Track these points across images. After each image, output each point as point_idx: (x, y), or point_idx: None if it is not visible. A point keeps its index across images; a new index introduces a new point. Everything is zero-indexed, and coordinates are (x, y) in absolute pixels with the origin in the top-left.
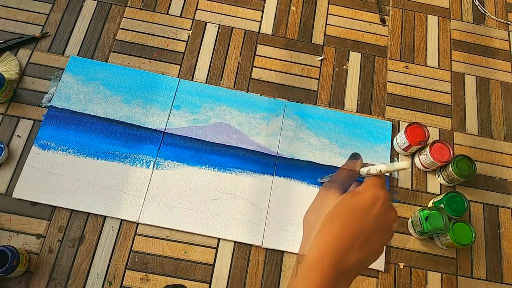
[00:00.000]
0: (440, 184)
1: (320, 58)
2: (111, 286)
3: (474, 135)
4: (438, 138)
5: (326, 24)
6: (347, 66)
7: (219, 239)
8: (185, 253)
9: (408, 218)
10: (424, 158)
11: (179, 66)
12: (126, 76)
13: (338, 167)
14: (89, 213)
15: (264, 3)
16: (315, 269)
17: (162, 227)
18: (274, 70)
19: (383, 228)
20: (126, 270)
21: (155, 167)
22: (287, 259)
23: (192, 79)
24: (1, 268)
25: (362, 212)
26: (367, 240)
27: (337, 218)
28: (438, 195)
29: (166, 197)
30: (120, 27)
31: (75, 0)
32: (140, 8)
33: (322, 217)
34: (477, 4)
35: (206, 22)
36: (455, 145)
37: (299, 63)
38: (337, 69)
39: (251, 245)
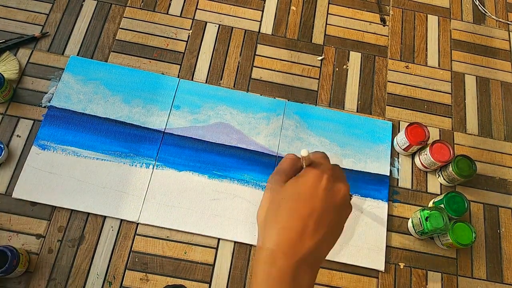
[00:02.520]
0: (440, 184)
1: (320, 58)
2: (111, 286)
3: (474, 135)
4: (438, 138)
5: (326, 24)
6: (347, 66)
7: (219, 239)
8: (185, 253)
9: (408, 218)
10: (425, 158)
11: (179, 66)
12: (126, 76)
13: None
14: (89, 213)
15: (264, 3)
16: (270, 263)
17: (162, 227)
18: (274, 70)
19: (335, 204)
20: (126, 270)
21: (155, 167)
22: None
23: (192, 79)
24: (1, 268)
25: (307, 193)
26: (320, 220)
27: (283, 206)
28: (439, 195)
29: (166, 197)
30: (120, 27)
31: (75, 0)
32: (140, 8)
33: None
34: (477, 4)
35: (206, 22)
36: (455, 145)
37: (299, 63)
38: (337, 69)
39: (251, 245)
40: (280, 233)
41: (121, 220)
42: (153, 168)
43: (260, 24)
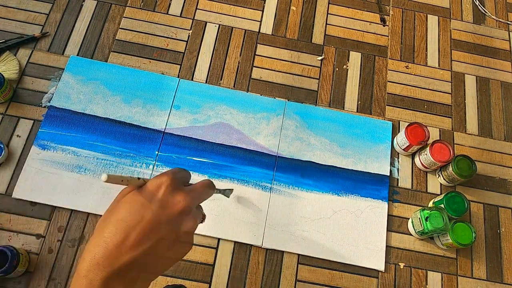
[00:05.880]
0: (440, 184)
1: (320, 58)
2: None
3: (474, 135)
4: (438, 138)
5: (326, 24)
6: (347, 66)
7: (219, 239)
8: None
9: (408, 218)
10: (425, 158)
11: (179, 66)
12: (126, 76)
13: (339, 167)
14: (89, 213)
15: (264, 3)
16: (82, 275)
17: None
18: (274, 70)
19: (170, 217)
20: None
21: (155, 167)
22: (287, 259)
23: (192, 79)
24: (1, 268)
25: (138, 204)
26: (146, 232)
27: (113, 216)
28: (438, 195)
29: None
30: (120, 27)
31: (75, 0)
32: (140, 8)
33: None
34: (477, 4)
35: (206, 22)
36: (455, 145)
37: (299, 63)
38: (337, 69)
39: (251, 245)
40: (99, 244)
41: None
42: (153, 168)
43: (260, 24)
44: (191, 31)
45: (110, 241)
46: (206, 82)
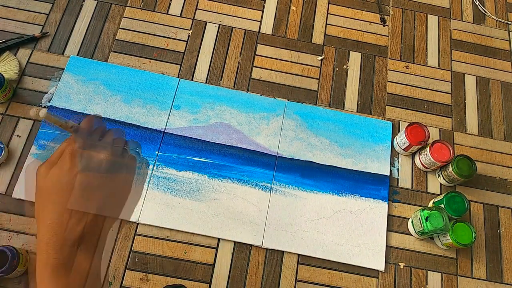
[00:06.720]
0: (440, 184)
1: (320, 58)
2: (111, 286)
3: (474, 135)
4: (438, 138)
5: (326, 24)
6: (347, 66)
7: (219, 239)
8: (185, 253)
9: (408, 218)
10: (425, 158)
11: (179, 66)
12: (126, 76)
13: (339, 167)
14: None
15: (264, 3)
16: (44, 264)
17: (162, 227)
18: (274, 70)
19: (101, 176)
20: (126, 270)
21: (155, 167)
22: (287, 259)
23: (192, 79)
24: (1, 268)
25: (65, 180)
26: (85, 197)
27: (47, 200)
28: (438, 195)
29: (166, 197)
30: (120, 27)
31: (75, 0)
32: (140, 8)
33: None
34: (477, 4)
35: (206, 22)
36: (455, 145)
37: (299, 63)
38: (337, 69)
39: (251, 245)
40: (48, 231)
41: (121, 220)
42: (153, 168)
43: (260, 24)
44: (191, 31)
45: (57, 226)
46: (206, 82)
